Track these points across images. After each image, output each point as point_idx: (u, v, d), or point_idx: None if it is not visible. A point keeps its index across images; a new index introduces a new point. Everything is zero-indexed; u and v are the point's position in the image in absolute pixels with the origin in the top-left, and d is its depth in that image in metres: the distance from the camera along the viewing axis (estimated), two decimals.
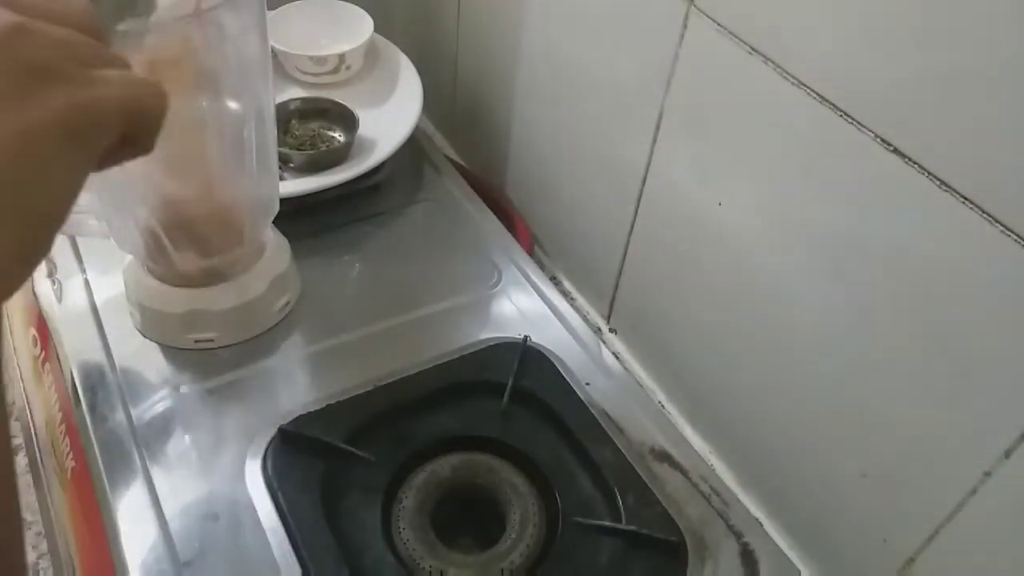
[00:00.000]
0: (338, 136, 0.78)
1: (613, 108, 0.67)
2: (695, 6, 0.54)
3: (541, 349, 0.66)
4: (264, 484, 0.56)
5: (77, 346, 0.65)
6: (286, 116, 0.77)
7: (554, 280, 0.81)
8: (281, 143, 0.74)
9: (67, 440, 0.62)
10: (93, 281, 0.70)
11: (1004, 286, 0.41)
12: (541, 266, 0.79)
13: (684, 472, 0.60)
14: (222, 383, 0.62)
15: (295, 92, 0.81)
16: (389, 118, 0.79)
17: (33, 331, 0.71)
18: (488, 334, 0.67)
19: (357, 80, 0.84)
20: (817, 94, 0.48)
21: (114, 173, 0.30)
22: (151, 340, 0.65)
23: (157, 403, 0.61)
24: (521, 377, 0.63)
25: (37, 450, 0.72)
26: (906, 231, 0.46)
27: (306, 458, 0.57)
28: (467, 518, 0.58)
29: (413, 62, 0.84)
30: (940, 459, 0.48)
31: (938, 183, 0.42)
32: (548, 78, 0.75)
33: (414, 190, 0.81)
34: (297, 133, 0.78)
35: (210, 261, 0.63)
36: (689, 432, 0.69)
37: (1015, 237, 0.40)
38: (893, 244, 0.47)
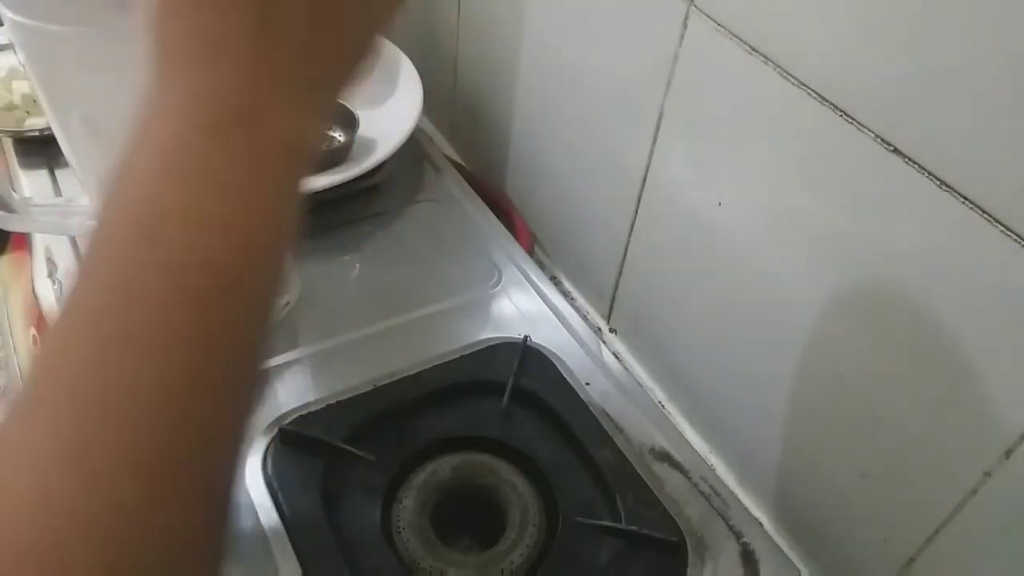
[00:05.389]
0: (338, 136, 0.78)
1: (613, 108, 0.67)
2: (695, 6, 0.54)
3: (541, 349, 0.66)
4: (264, 484, 0.55)
5: None
6: None
7: (554, 280, 0.81)
8: None
9: None
10: None
11: (1004, 286, 0.41)
12: (541, 266, 0.79)
13: (684, 472, 0.60)
14: None
15: None
16: (389, 118, 0.79)
17: (33, 331, 0.71)
18: (488, 334, 0.67)
19: None
20: (817, 94, 0.48)
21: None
22: None
23: None
24: (521, 377, 0.63)
25: None
26: (906, 231, 0.46)
27: (306, 458, 0.57)
28: (467, 518, 0.58)
29: (413, 62, 0.84)
30: (940, 459, 0.48)
31: (938, 183, 0.42)
32: (548, 78, 0.75)
33: (414, 190, 0.81)
34: None
35: None
36: (689, 432, 0.69)
37: (1015, 237, 0.40)
38: (893, 244, 0.47)
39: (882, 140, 0.45)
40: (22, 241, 0.76)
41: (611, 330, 0.78)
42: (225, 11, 0.26)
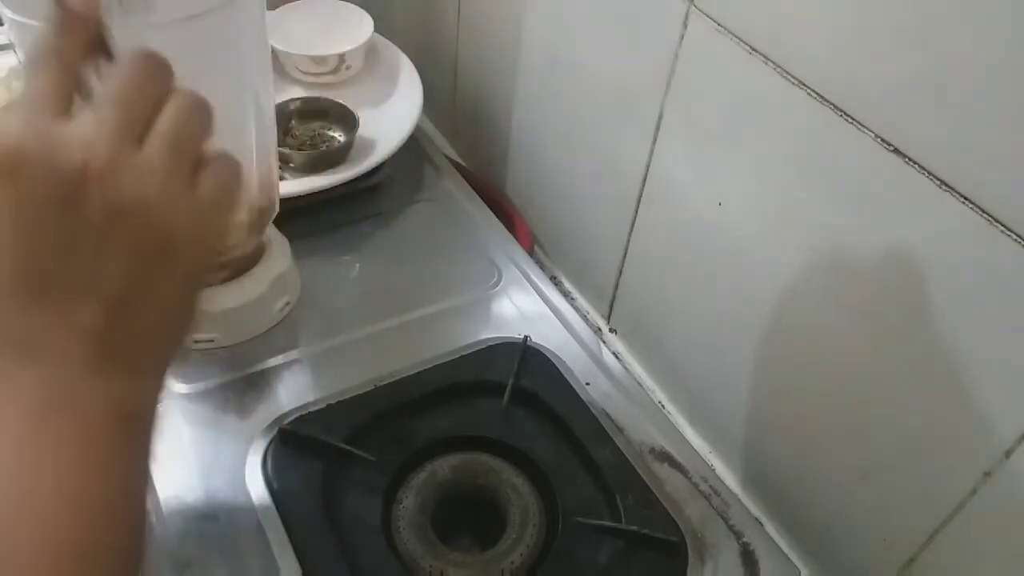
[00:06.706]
0: (338, 136, 0.78)
1: (613, 108, 0.67)
2: (695, 6, 0.54)
3: (541, 349, 0.66)
4: (264, 484, 0.55)
5: None
6: (286, 116, 0.77)
7: (554, 280, 0.81)
8: (281, 143, 0.74)
9: None
10: None
11: (1004, 286, 0.41)
12: (541, 266, 0.79)
13: (684, 472, 0.60)
14: (222, 383, 0.62)
15: (295, 92, 0.81)
16: (389, 118, 0.79)
17: None
18: (488, 334, 0.67)
19: (357, 80, 0.84)
20: (817, 94, 0.48)
21: None
22: None
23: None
24: (521, 377, 0.63)
25: None
26: (906, 231, 0.46)
27: (306, 458, 0.57)
28: (467, 518, 0.58)
29: (413, 62, 0.84)
30: (940, 460, 0.48)
31: (938, 183, 0.42)
32: (548, 78, 0.75)
33: (414, 190, 0.81)
34: (297, 133, 0.78)
35: None
36: (689, 432, 0.69)
37: (1015, 237, 0.40)
38: (893, 244, 0.47)
39: (882, 140, 0.45)
40: None
41: (611, 330, 0.78)
42: (32, 309, 0.29)
